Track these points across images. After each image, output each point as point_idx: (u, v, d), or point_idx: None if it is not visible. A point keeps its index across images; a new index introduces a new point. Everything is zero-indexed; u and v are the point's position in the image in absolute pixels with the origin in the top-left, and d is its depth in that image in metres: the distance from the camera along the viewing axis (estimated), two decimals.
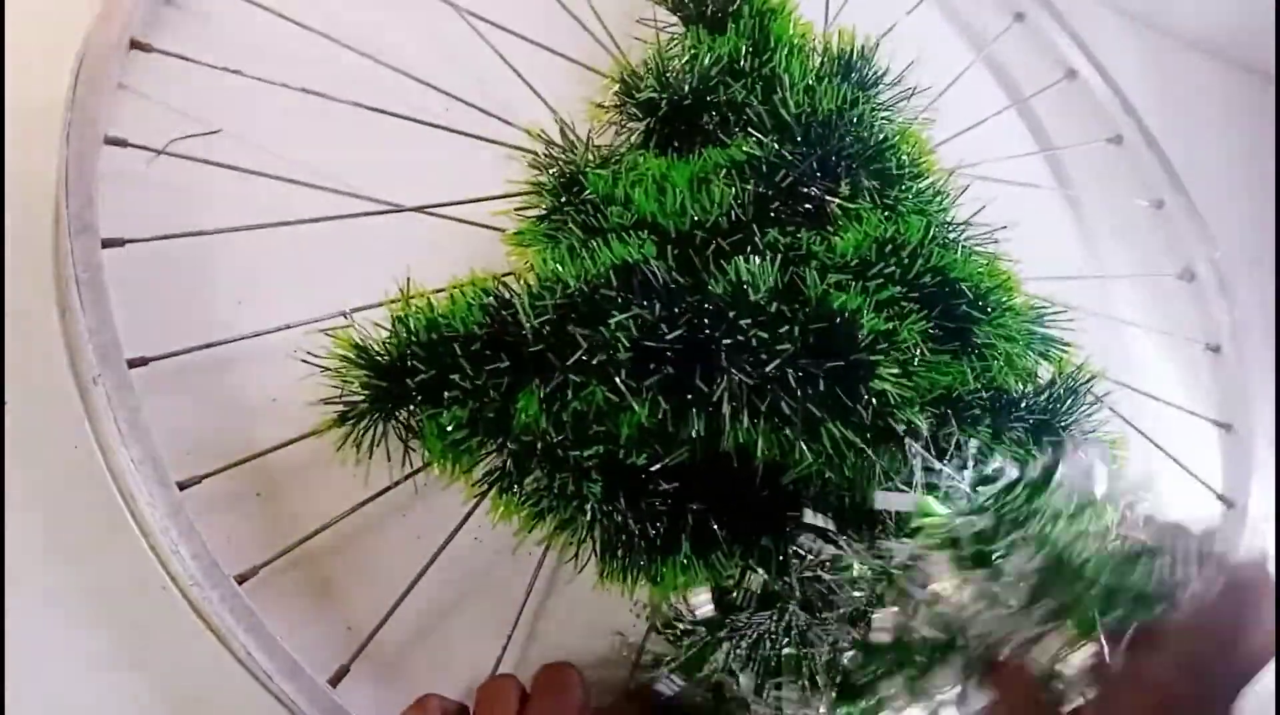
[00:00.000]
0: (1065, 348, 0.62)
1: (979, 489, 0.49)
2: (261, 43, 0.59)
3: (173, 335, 0.50)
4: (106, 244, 0.48)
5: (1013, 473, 0.49)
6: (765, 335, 0.46)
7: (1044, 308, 0.61)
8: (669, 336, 0.46)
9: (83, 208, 0.48)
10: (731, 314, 0.47)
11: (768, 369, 0.47)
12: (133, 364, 0.47)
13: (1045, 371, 0.60)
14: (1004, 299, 0.58)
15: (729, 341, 0.47)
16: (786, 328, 0.47)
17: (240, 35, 0.59)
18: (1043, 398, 0.56)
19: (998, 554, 0.49)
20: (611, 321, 0.46)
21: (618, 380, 0.46)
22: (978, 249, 0.59)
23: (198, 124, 0.56)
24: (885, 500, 0.48)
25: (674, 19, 0.67)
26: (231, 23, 0.60)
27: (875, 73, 0.63)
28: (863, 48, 0.63)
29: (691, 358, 0.47)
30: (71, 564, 0.46)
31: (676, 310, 0.47)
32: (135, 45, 0.55)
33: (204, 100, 0.56)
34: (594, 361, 0.46)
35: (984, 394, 0.54)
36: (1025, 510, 0.48)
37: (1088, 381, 0.60)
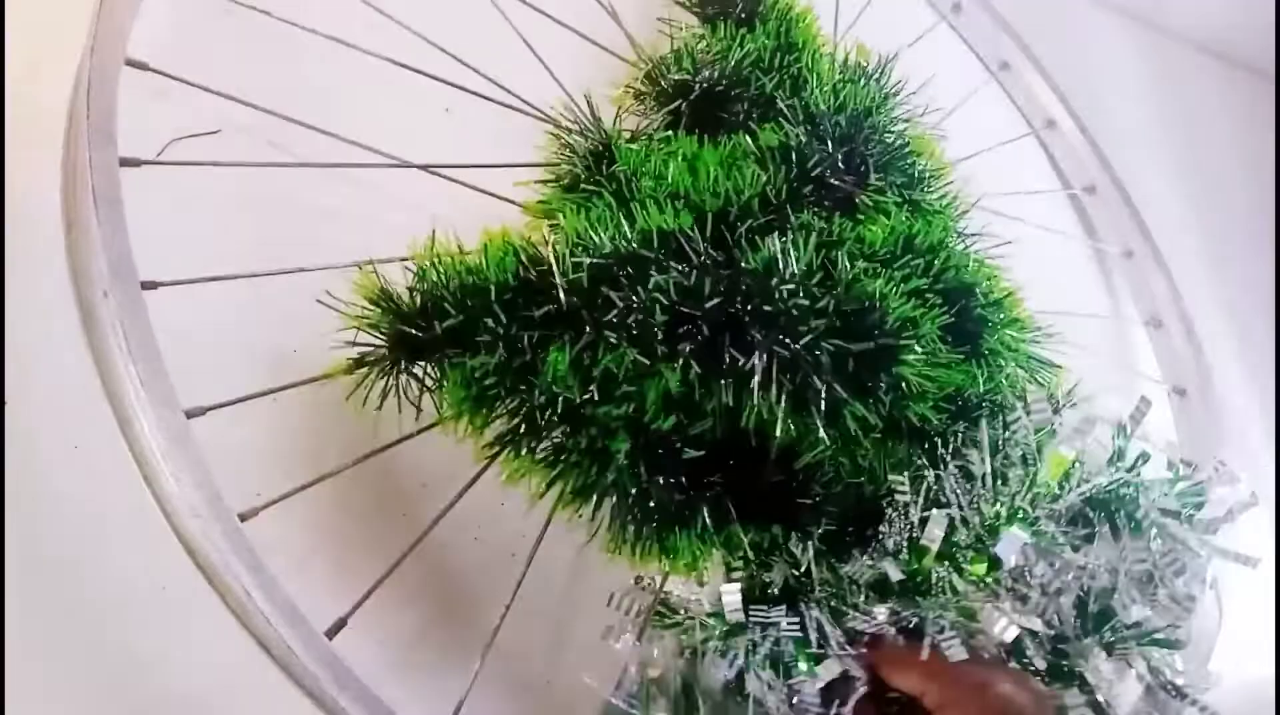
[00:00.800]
0: (1055, 370, 0.63)
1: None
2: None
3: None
4: (124, 163, 0.46)
5: None
6: (805, 303, 0.46)
7: (1039, 329, 0.63)
8: (706, 304, 0.46)
9: (105, 119, 0.45)
10: (769, 288, 0.47)
11: (799, 344, 0.46)
12: (144, 287, 0.44)
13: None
14: (1010, 310, 0.59)
15: (763, 313, 0.46)
16: (820, 305, 0.47)
17: None
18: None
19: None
20: (650, 282, 0.45)
21: (651, 344, 0.45)
22: (986, 260, 0.61)
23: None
24: None
25: (694, 23, 0.68)
26: None
27: (892, 86, 0.65)
28: (882, 60, 0.65)
29: (725, 328, 0.46)
30: (71, 565, 0.45)
31: (712, 279, 0.47)
32: None
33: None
34: (628, 322, 0.45)
35: (991, 398, 0.55)
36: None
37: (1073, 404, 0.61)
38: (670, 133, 0.58)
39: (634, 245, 0.47)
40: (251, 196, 0.54)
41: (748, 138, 0.56)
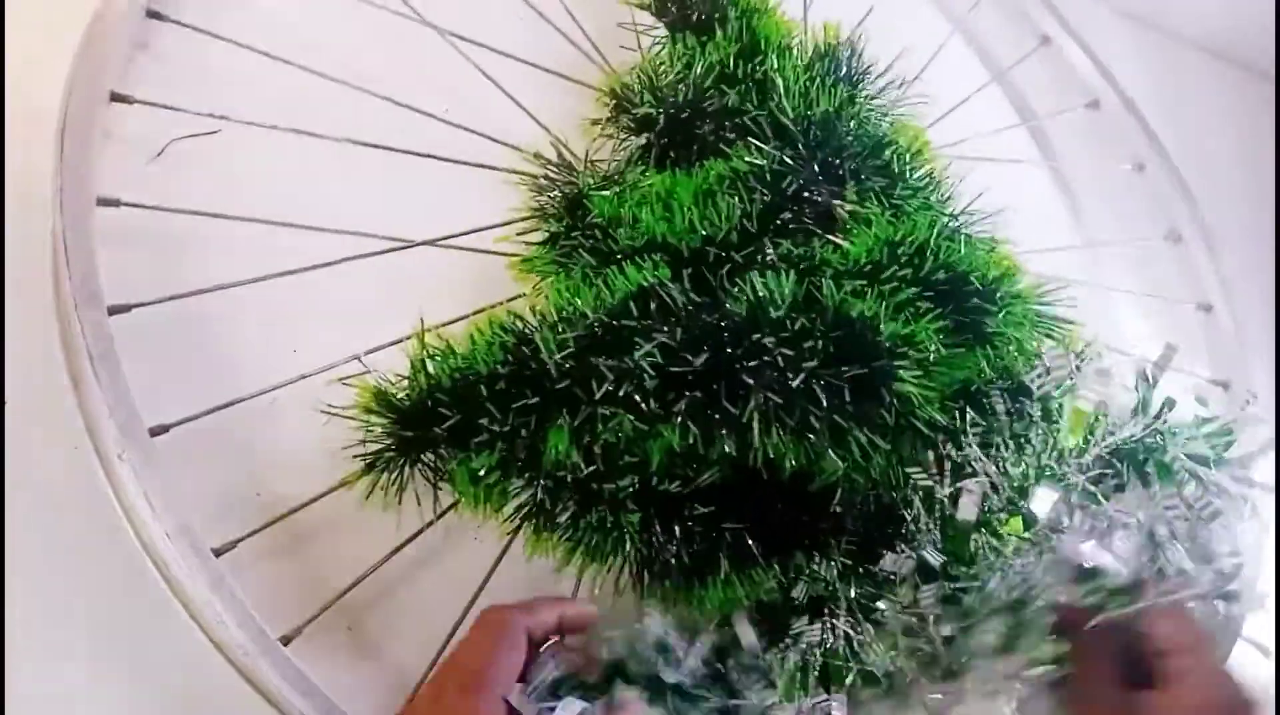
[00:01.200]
0: (1069, 326, 0.62)
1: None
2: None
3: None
4: (113, 311, 0.47)
5: None
6: (790, 352, 0.46)
7: (1045, 287, 0.62)
8: (694, 361, 0.46)
9: (86, 277, 0.47)
10: (755, 335, 0.47)
11: (793, 384, 0.47)
12: (153, 433, 0.46)
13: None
14: (1011, 287, 0.58)
15: (753, 360, 0.47)
16: (809, 342, 0.47)
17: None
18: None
19: None
20: (638, 353, 0.46)
21: (646, 408, 0.46)
22: (979, 237, 0.60)
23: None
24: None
25: (655, 23, 0.67)
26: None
27: (865, 67, 0.63)
28: (851, 42, 0.63)
29: (717, 379, 0.47)
30: (71, 563, 0.46)
31: (698, 332, 0.47)
32: (115, 98, 0.54)
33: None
34: (621, 392, 0.46)
35: (1001, 384, 0.55)
36: None
37: (1093, 356, 0.60)
38: (643, 168, 0.57)
39: (615, 314, 0.47)
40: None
41: (721, 162, 0.56)
